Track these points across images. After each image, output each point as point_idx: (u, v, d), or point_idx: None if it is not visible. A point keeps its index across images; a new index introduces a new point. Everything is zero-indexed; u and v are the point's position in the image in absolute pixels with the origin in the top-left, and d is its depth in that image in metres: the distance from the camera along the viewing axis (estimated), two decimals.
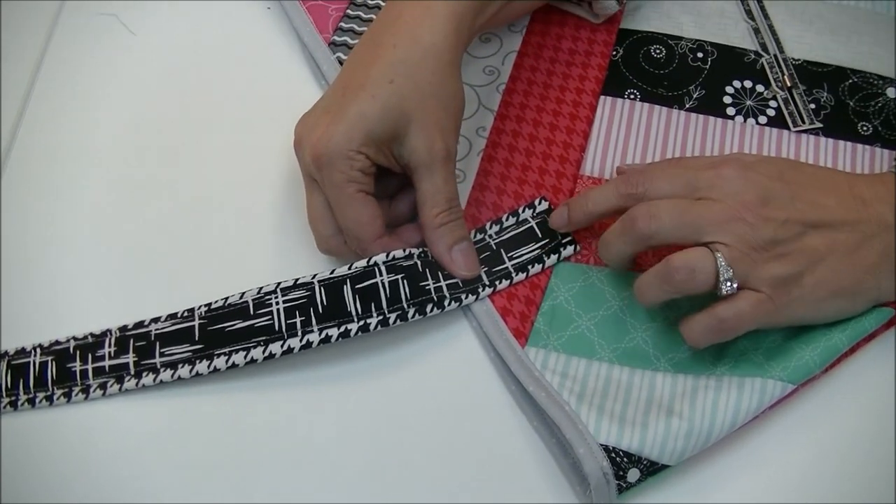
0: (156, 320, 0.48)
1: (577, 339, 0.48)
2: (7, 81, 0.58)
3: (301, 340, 0.46)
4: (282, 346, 0.46)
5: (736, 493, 0.45)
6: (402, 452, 0.46)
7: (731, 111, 0.56)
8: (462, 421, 0.47)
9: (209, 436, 0.47)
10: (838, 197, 0.45)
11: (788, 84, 0.56)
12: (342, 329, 0.46)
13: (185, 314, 0.48)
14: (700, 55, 0.58)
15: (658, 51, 0.58)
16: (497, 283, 0.49)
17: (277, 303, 0.47)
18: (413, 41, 0.47)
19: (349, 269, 0.47)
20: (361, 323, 0.46)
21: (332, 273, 0.47)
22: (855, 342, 0.46)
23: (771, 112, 0.56)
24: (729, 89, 0.56)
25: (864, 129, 0.55)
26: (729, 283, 0.43)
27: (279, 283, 0.47)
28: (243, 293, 0.48)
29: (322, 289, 0.47)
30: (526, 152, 0.54)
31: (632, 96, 0.56)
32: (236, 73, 0.59)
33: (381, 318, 0.46)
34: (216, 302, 0.48)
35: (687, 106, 0.56)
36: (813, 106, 0.56)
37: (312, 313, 0.46)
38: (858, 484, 0.45)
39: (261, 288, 0.48)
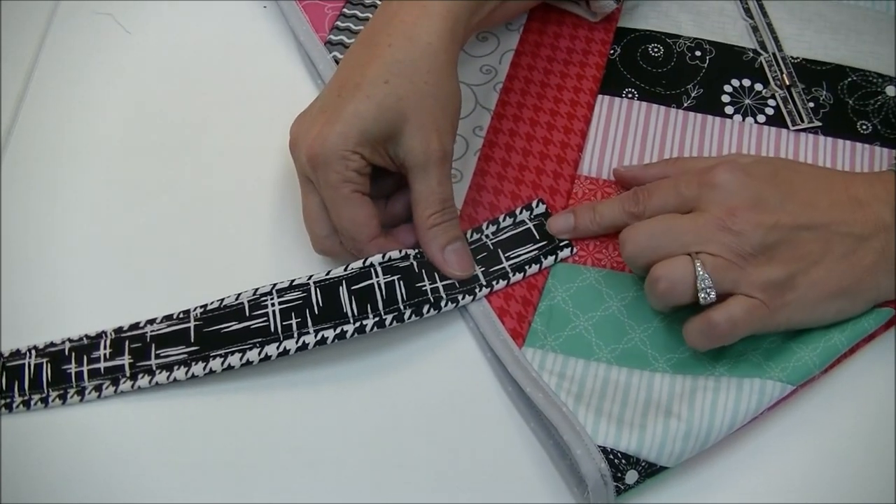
0: (151, 322, 0.48)
1: (574, 340, 0.48)
2: (3, 81, 0.58)
3: (297, 342, 0.46)
4: (277, 348, 0.46)
5: (735, 494, 0.44)
6: (398, 454, 0.46)
7: (729, 110, 0.55)
8: (459, 422, 0.47)
9: (206, 436, 0.46)
10: (832, 198, 0.45)
11: (787, 82, 0.56)
12: (338, 331, 0.46)
13: (181, 315, 0.48)
14: (698, 54, 0.58)
15: (656, 49, 0.58)
16: (494, 283, 0.49)
17: (273, 304, 0.47)
18: (409, 41, 0.46)
19: (345, 270, 0.47)
20: (357, 324, 0.46)
21: (327, 274, 0.47)
22: (854, 343, 0.46)
23: (769, 111, 0.55)
24: (727, 88, 0.56)
25: (864, 127, 0.54)
26: (707, 292, 0.43)
27: (275, 285, 0.47)
28: (239, 294, 0.48)
29: (318, 290, 0.47)
30: (523, 152, 0.54)
31: (629, 95, 0.56)
32: (232, 72, 0.59)
33: (377, 319, 0.46)
34: (212, 303, 0.48)
35: (685, 105, 0.56)
36: (812, 104, 0.55)
37: (308, 315, 0.46)
38: (858, 485, 0.45)
39: (256, 289, 0.47)
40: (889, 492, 0.44)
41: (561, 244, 0.50)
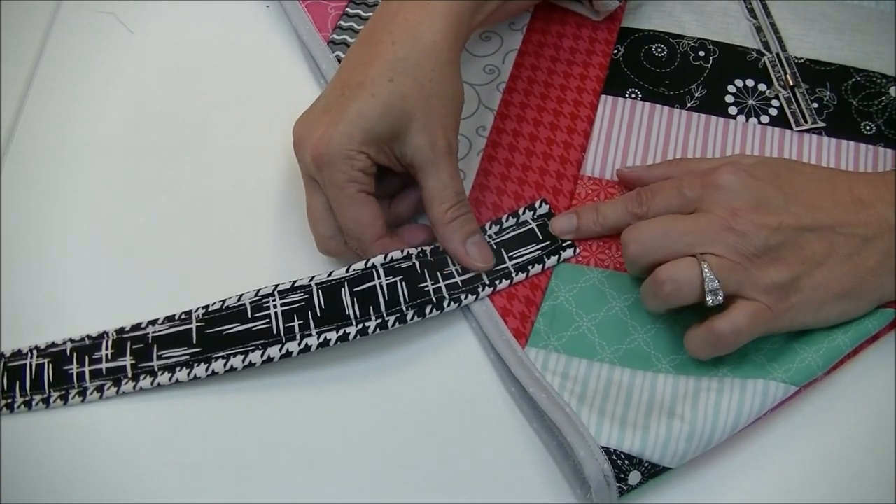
0: (153, 322, 0.48)
1: (577, 340, 0.47)
2: (5, 81, 0.58)
3: (299, 344, 0.45)
4: (280, 350, 0.45)
5: (738, 495, 0.44)
6: (401, 455, 0.46)
7: (733, 110, 0.55)
8: (461, 422, 0.46)
9: (206, 437, 0.46)
10: (835, 199, 0.45)
11: (791, 83, 0.56)
12: (340, 332, 0.46)
13: (183, 317, 0.48)
14: (702, 54, 0.57)
15: (659, 49, 0.58)
16: (497, 282, 0.49)
17: (275, 306, 0.46)
18: (412, 39, 0.46)
19: (346, 271, 0.47)
20: (360, 326, 0.46)
21: (329, 276, 0.47)
22: (858, 344, 0.46)
23: (773, 111, 0.55)
24: (731, 88, 0.56)
25: (868, 128, 0.54)
26: (714, 294, 0.43)
27: (276, 286, 0.47)
28: (241, 296, 0.47)
29: (320, 292, 0.46)
30: (526, 152, 0.53)
31: (633, 95, 0.56)
32: (234, 71, 0.59)
33: (379, 321, 0.46)
34: (213, 304, 0.48)
35: (689, 105, 0.55)
36: (815, 105, 0.55)
37: (311, 317, 0.46)
38: (861, 487, 0.45)
39: (258, 290, 0.47)
40: (890, 493, 0.44)
41: (564, 244, 0.50)
